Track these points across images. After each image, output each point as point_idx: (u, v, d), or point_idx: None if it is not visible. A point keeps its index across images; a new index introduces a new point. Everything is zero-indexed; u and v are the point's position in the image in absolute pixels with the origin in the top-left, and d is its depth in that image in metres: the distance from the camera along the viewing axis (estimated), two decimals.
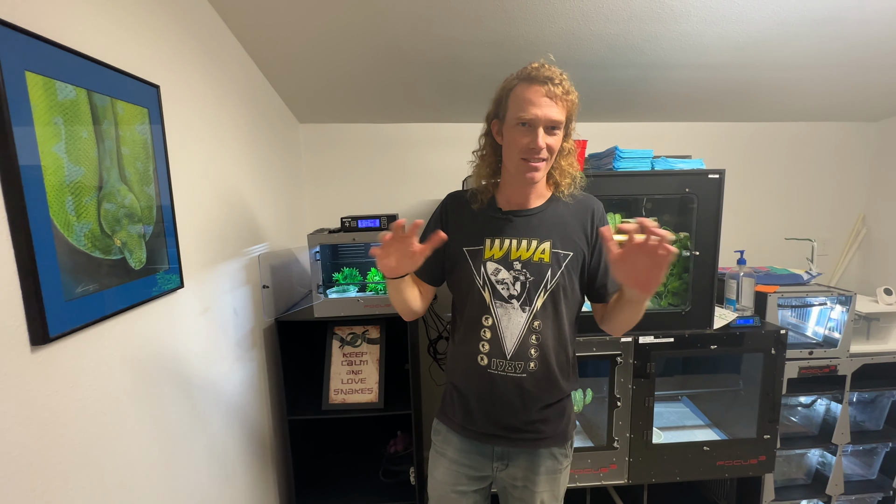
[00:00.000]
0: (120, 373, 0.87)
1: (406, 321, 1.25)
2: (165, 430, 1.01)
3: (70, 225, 0.72)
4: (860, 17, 1.43)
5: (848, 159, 2.34)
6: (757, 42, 1.55)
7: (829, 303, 1.81)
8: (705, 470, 1.65)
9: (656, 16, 1.40)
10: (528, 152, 0.97)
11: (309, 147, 2.16)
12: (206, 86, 1.25)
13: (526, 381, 1.03)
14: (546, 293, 1.02)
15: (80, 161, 0.75)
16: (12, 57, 0.63)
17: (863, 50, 1.62)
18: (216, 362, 1.25)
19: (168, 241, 1.00)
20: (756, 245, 2.25)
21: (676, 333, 1.59)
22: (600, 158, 1.63)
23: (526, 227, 1.05)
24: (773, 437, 1.64)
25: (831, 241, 2.39)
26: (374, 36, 1.46)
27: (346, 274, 1.77)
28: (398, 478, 1.80)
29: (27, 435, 0.67)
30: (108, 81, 0.82)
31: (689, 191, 1.54)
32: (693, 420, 1.88)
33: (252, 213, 1.55)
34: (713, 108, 2.11)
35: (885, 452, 1.89)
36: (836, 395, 1.78)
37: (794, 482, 1.91)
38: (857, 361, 1.74)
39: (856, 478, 1.92)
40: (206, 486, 1.18)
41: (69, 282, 0.72)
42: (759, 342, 1.61)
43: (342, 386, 1.68)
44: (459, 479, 1.10)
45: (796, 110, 2.17)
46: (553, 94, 0.94)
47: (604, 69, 1.70)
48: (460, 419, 1.09)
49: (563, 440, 1.10)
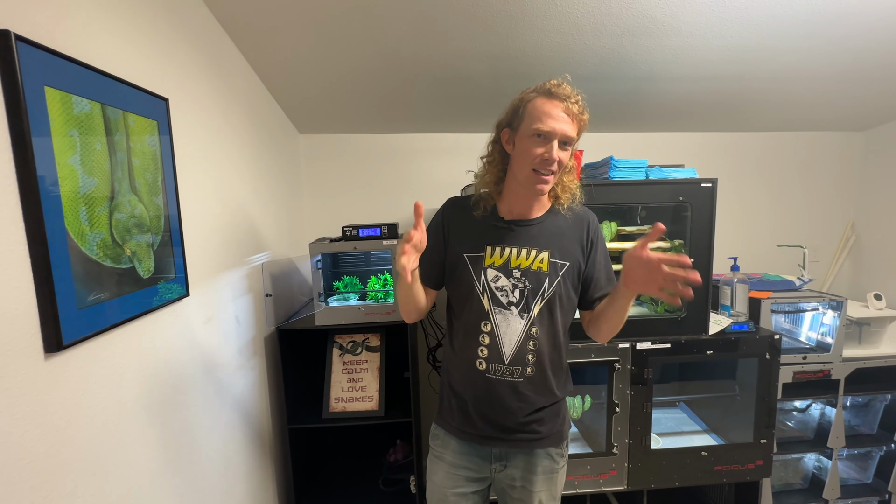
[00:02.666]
0: (127, 381, 0.88)
1: (407, 326, 1.27)
2: (170, 438, 1.02)
3: (83, 235, 0.74)
4: (843, 33, 1.49)
5: (837, 168, 2.40)
6: (746, 55, 1.60)
7: (822, 308, 1.85)
8: (703, 475, 1.67)
9: (648, 31, 1.45)
10: (542, 164, 1.00)
11: (308, 157, 2.19)
12: (211, 98, 1.27)
13: (522, 385, 1.06)
14: (543, 301, 1.06)
15: (94, 172, 0.77)
16: (33, 72, 0.65)
17: (847, 63, 1.68)
18: (219, 371, 1.26)
19: (175, 250, 1.01)
20: (748, 252, 2.29)
21: (673, 339, 1.61)
22: (596, 168, 1.67)
23: (526, 236, 1.08)
24: (769, 441, 1.66)
25: (822, 248, 2.44)
26: (374, 48, 1.49)
27: (346, 282, 1.78)
28: (398, 486, 1.80)
29: (40, 442, 0.68)
30: (120, 95, 0.85)
31: (682, 199, 1.58)
32: (691, 426, 1.90)
33: (254, 222, 1.57)
34: (706, 119, 2.17)
35: (879, 456, 1.91)
36: (830, 399, 1.81)
37: (791, 487, 1.92)
38: (850, 366, 1.77)
39: (852, 482, 1.94)
40: (209, 493, 1.18)
41: (82, 290, 0.73)
42: (754, 347, 1.64)
43: (343, 394, 1.69)
44: (458, 482, 1.12)
45: (786, 120, 2.23)
46: (570, 112, 0.99)
47: (598, 82, 1.74)
48: (458, 422, 1.12)
49: (560, 440, 1.13)
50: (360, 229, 1.59)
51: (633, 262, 0.92)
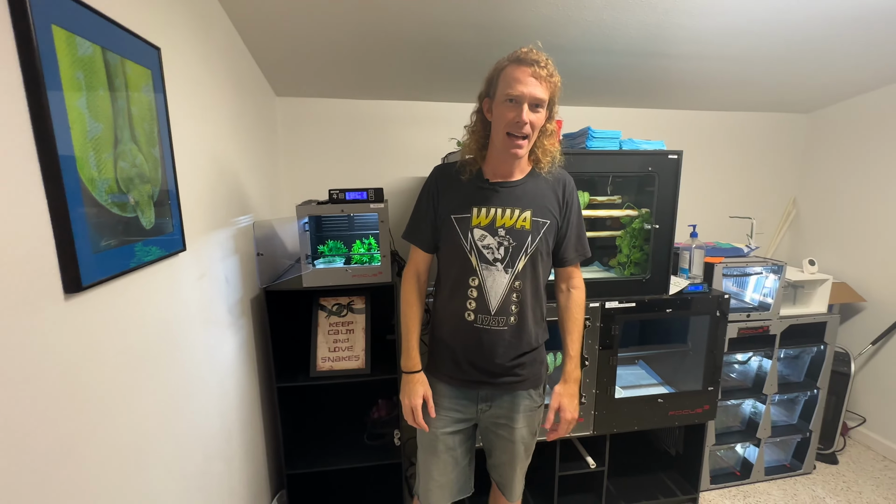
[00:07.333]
0: (134, 328, 0.89)
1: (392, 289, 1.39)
2: (173, 384, 1.05)
3: (93, 180, 0.74)
4: (795, 20, 1.62)
5: (783, 147, 2.63)
6: (713, 35, 1.71)
7: (765, 272, 2.06)
8: (659, 420, 1.87)
9: (627, 6, 1.52)
10: (513, 126, 1.07)
11: (286, 121, 2.14)
12: (197, 52, 1.24)
13: (507, 333, 1.17)
14: (526, 257, 1.15)
15: (99, 117, 0.76)
16: (41, 9, 0.64)
17: (798, 49, 1.83)
18: (211, 328, 1.27)
19: (171, 204, 1.01)
20: (703, 222, 2.49)
21: (637, 298, 1.77)
22: (574, 138, 1.76)
23: (510, 197, 1.16)
24: (716, 389, 1.88)
25: (767, 220, 2.68)
26: (357, 10, 1.48)
27: (330, 246, 1.81)
28: (382, 440, 1.89)
29: (60, 381, 0.70)
30: (118, 40, 0.83)
31: (651, 169, 1.70)
32: (648, 380, 2.10)
33: (239, 183, 1.56)
34: (671, 97, 2.30)
35: (804, 401, 2.20)
36: (767, 352, 2.05)
37: (730, 429, 2.18)
38: (785, 322, 2.01)
39: (780, 423, 2.23)
40: (209, 440, 1.22)
41: (95, 235, 0.74)
42: (707, 306, 1.83)
43: (329, 354, 1.74)
44: (447, 423, 1.23)
45: (741, 101, 2.40)
46: (538, 75, 1.05)
47: (578, 53, 1.81)
48: (448, 369, 1.22)
49: (538, 382, 1.25)
50: (347, 192, 1.61)
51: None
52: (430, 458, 1.25)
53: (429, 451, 1.25)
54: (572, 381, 1.23)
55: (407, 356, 1.22)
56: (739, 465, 2.22)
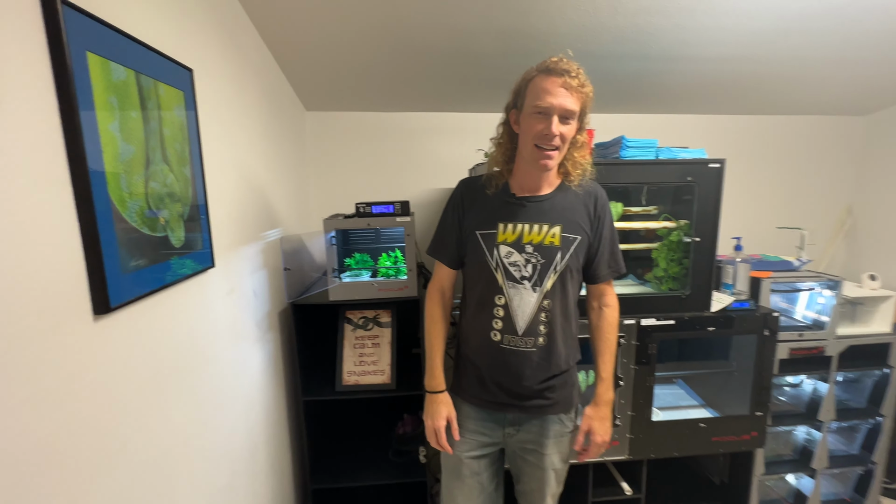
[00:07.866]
0: (163, 346, 0.90)
1: (418, 303, 1.34)
2: (201, 400, 1.05)
3: (124, 201, 0.75)
4: (854, 14, 1.50)
5: (837, 152, 2.45)
6: (758, 36, 1.61)
7: (818, 288, 1.91)
8: (701, 446, 1.74)
9: (663, 9, 1.45)
10: (543, 139, 1.03)
11: (315, 134, 2.18)
12: (228, 71, 1.27)
13: (535, 355, 1.11)
14: (556, 274, 1.10)
15: (131, 140, 0.78)
16: (77, 38, 0.66)
17: (855, 45, 1.70)
18: (239, 342, 1.28)
19: (202, 221, 1.03)
20: (748, 233, 2.34)
21: (676, 316, 1.67)
22: (607, 147, 1.69)
23: (538, 212, 1.11)
24: (764, 413, 1.74)
25: (819, 231, 2.49)
26: (384, 23, 1.48)
27: (357, 259, 1.81)
28: (408, 457, 1.86)
29: (90, 402, 0.71)
30: (151, 63, 0.85)
31: (690, 179, 1.61)
32: (688, 401, 1.97)
33: (268, 198, 1.58)
34: (710, 101, 2.19)
35: (866, 429, 2.00)
36: (822, 375, 1.88)
37: (781, 458, 2.02)
38: (844, 343, 1.84)
39: (839, 452, 2.04)
40: (236, 454, 1.22)
41: (125, 255, 0.75)
42: (754, 324, 1.70)
43: (355, 368, 1.73)
44: (473, 447, 1.18)
45: (791, 104, 2.25)
46: (569, 86, 1.00)
47: (610, 60, 1.75)
48: (474, 390, 1.17)
49: (569, 406, 1.18)
50: (373, 206, 1.61)
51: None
52: (455, 483, 1.20)
53: (453, 475, 1.21)
54: (604, 403, 1.17)
55: (431, 375, 1.18)
56: (792, 497, 2.05)
